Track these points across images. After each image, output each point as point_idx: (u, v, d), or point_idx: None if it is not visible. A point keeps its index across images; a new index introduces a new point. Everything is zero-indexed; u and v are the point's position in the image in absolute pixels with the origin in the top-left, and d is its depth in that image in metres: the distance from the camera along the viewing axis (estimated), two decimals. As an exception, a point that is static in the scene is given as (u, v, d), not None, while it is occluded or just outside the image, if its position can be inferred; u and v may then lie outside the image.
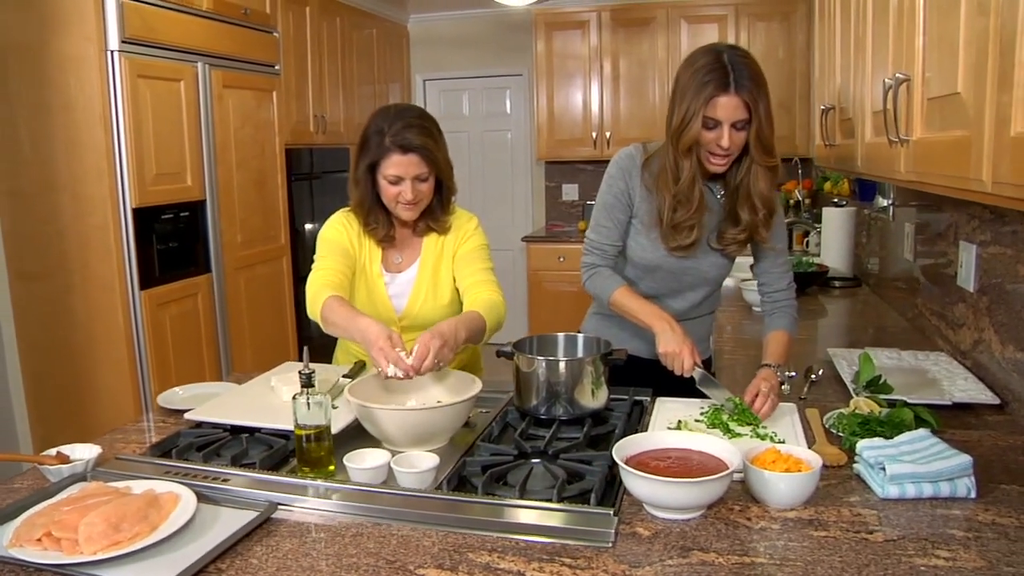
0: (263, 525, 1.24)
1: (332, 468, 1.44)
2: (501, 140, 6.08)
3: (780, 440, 1.48)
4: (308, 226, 4.51)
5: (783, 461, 1.27)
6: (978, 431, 1.56)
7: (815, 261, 3.32)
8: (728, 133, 1.63)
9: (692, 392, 1.71)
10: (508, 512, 1.24)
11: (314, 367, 1.47)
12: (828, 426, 1.55)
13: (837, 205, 3.47)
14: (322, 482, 1.37)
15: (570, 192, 5.96)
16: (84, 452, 1.49)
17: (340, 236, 1.91)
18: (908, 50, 1.30)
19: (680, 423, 1.59)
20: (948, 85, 1.10)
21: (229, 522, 1.24)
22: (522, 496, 1.28)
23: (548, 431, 1.55)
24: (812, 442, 1.48)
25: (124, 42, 2.98)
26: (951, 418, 1.61)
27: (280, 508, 1.29)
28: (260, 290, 3.97)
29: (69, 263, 3.09)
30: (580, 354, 1.76)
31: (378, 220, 1.89)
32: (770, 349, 1.80)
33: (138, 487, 1.32)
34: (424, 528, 1.21)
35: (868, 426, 1.48)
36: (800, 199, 4.34)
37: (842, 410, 1.59)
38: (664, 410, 1.68)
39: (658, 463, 1.26)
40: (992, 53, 0.92)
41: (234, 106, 3.68)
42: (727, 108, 1.62)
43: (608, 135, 5.41)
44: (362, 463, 1.39)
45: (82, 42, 2.93)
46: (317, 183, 4.63)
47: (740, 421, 1.57)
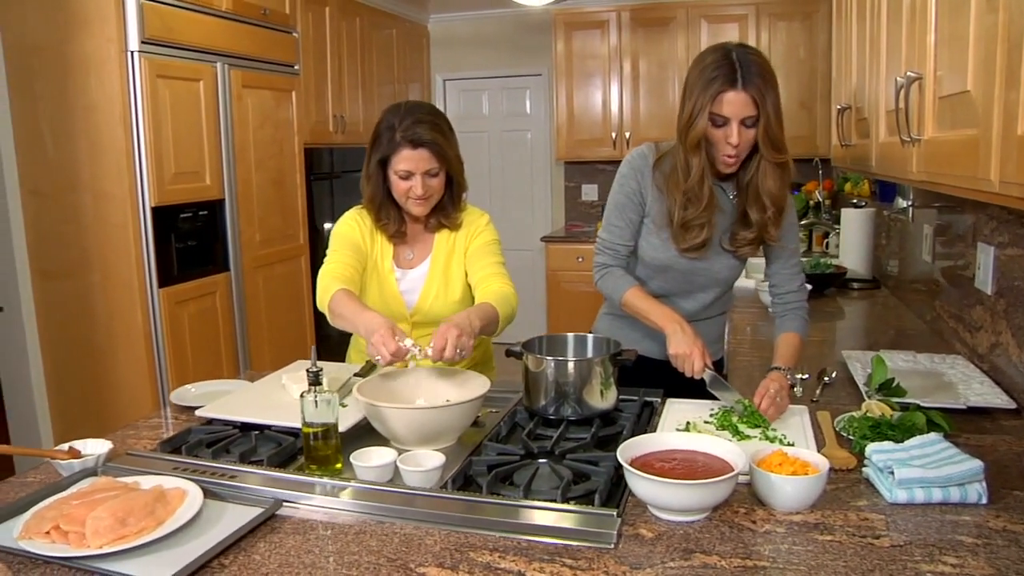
0: (268, 522, 1.25)
1: (339, 466, 1.44)
2: (520, 140, 6.08)
3: (790, 443, 1.46)
4: (327, 225, 4.54)
5: (790, 464, 1.26)
6: (993, 436, 1.53)
7: (833, 263, 3.28)
8: (737, 130, 1.62)
9: (703, 394, 1.69)
10: (511, 512, 1.23)
11: (322, 365, 1.48)
12: (839, 429, 1.53)
13: (856, 206, 3.42)
14: (327, 480, 1.37)
15: (589, 192, 5.95)
16: (95, 447, 1.51)
17: (352, 232, 1.93)
18: (920, 49, 1.28)
19: (689, 425, 1.57)
20: (959, 83, 1.08)
21: (234, 518, 1.25)
22: (527, 496, 1.28)
23: (556, 431, 1.54)
24: (822, 445, 1.47)
25: (144, 42, 3.02)
26: (966, 422, 1.58)
27: (286, 505, 1.30)
28: (278, 289, 4.00)
29: (90, 261, 3.14)
30: (589, 354, 1.75)
31: (389, 216, 1.91)
32: (780, 351, 1.78)
33: (146, 482, 1.34)
34: (427, 527, 1.21)
35: (879, 429, 1.46)
36: (820, 200, 4.29)
37: (853, 413, 1.57)
38: (674, 411, 1.67)
39: (663, 464, 1.25)
40: (1000, 50, 0.91)
41: (253, 106, 3.71)
42: (734, 104, 1.60)
43: (627, 135, 5.39)
44: (368, 461, 1.39)
45: (103, 43, 2.97)
46: (337, 182, 4.65)
47: (750, 423, 1.56)
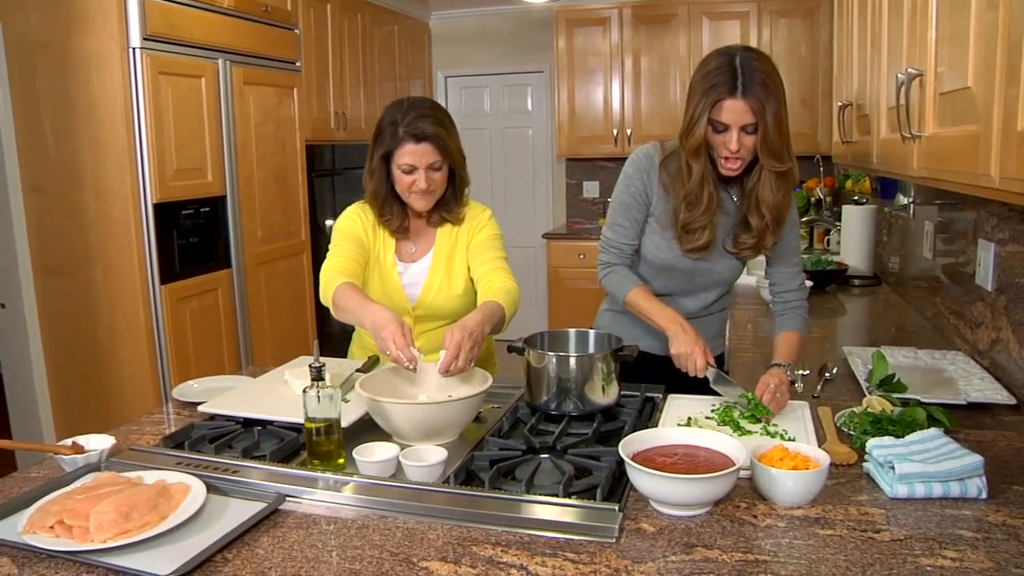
0: (271, 516, 1.25)
1: (342, 461, 1.45)
2: (522, 137, 6.08)
3: (791, 438, 1.47)
4: (329, 222, 4.54)
5: (791, 459, 1.26)
6: (993, 431, 1.54)
7: (834, 259, 3.28)
8: (736, 136, 1.62)
9: (705, 390, 1.70)
10: (514, 506, 1.24)
11: (324, 361, 1.48)
12: (839, 424, 1.54)
13: (858, 203, 3.43)
14: (330, 475, 1.38)
15: (591, 189, 5.95)
16: (98, 443, 1.51)
17: (354, 226, 1.94)
18: (921, 45, 1.28)
19: (690, 420, 1.58)
20: (959, 79, 1.08)
21: (237, 513, 1.25)
22: (529, 491, 1.28)
23: (558, 427, 1.55)
24: (823, 440, 1.47)
25: (146, 39, 3.02)
26: (966, 418, 1.59)
27: (289, 500, 1.30)
28: (280, 285, 4.00)
29: (92, 258, 3.14)
30: (591, 350, 1.75)
31: (392, 211, 1.92)
32: (780, 349, 1.79)
33: (149, 477, 1.34)
34: (430, 521, 1.22)
35: (879, 425, 1.46)
36: (822, 197, 4.29)
37: (854, 408, 1.57)
38: (675, 407, 1.68)
39: (665, 459, 1.26)
40: (1000, 47, 0.91)
41: (255, 102, 3.72)
42: (732, 112, 1.60)
43: (629, 132, 5.39)
44: (371, 456, 1.40)
45: (105, 40, 2.98)
46: (339, 179, 4.66)
47: (752, 418, 1.56)
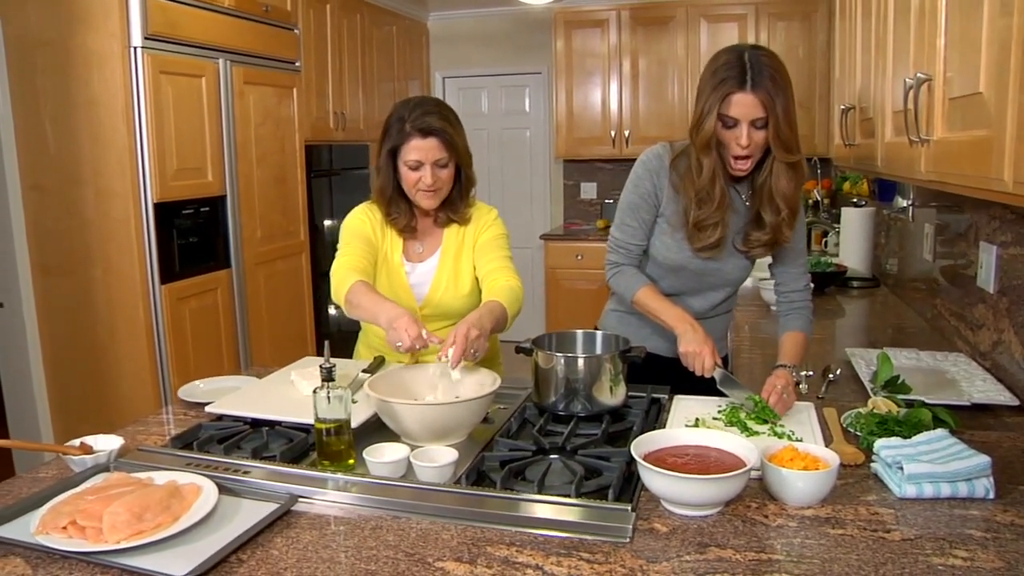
0: (283, 517, 1.25)
1: (352, 462, 1.45)
2: (520, 138, 6.09)
3: (798, 439, 1.48)
4: (327, 222, 4.54)
5: (801, 459, 1.28)
6: (997, 432, 1.55)
7: (833, 261, 3.30)
8: (746, 131, 1.63)
9: (710, 391, 1.71)
10: (526, 507, 1.24)
11: (335, 362, 1.48)
12: (846, 425, 1.55)
13: (856, 205, 3.45)
14: (342, 475, 1.38)
15: (588, 190, 5.96)
16: (107, 443, 1.51)
17: (363, 226, 1.95)
18: (929, 50, 1.30)
19: (698, 421, 1.59)
20: (970, 85, 1.09)
21: (250, 513, 1.25)
22: (540, 491, 1.29)
23: (566, 427, 1.56)
24: (829, 441, 1.48)
25: (147, 38, 3.02)
26: (969, 419, 1.60)
27: (300, 500, 1.31)
28: (279, 286, 4.00)
29: (91, 257, 3.14)
30: (599, 351, 1.76)
31: (399, 209, 1.93)
32: (785, 349, 1.80)
33: (160, 478, 1.34)
34: (443, 522, 1.22)
35: (886, 426, 1.47)
36: (819, 199, 4.31)
37: (860, 409, 1.59)
38: (682, 408, 1.69)
39: (676, 460, 1.27)
40: (1015, 52, 0.92)
41: (255, 102, 3.71)
42: (742, 105, 1.61)
43: (627, 134, 5.41)
44: (381, 457, 1.40)
45: (106, 38, 2.97)
46: (336, 179, 4.65)
47: (759, 420, 1.57)
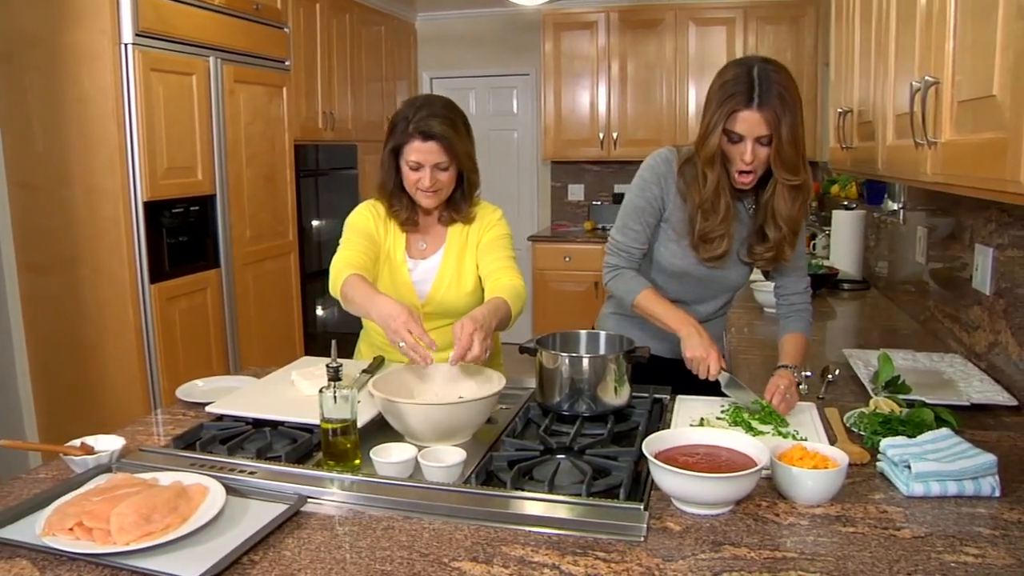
0: (293, 518, 1.24)
1: (358, 462, 1.44)
2: (507, 139, 6.09)
3: (803, 438, 1.49)
4: (315, 223, 4.52)
5: (810, 458, 1.29)
6: (997, 432, 1.57)
7: (825, 263, 3.33)
8: (751, 148, 1.62)
9: (711, 391, 1.72)
10: (538, 506, 1.24)
11: (341, 361, 1.47)
12: (849, 425, 1.57)
13: (847, 208, 3.48)
14: (351, 476, 1.37)
15: (576, 192, 5.98)
16: (108, 443, 1.49)
17: (366, 222, 1.95)
18: (937, 54, 1.31)
19: (703, 421, 1.60)
20: (982, 88, 1.11)
21: (259, 514, 1.24)
22: (551, 491, 1.29)
23: (572, 427, 1.56)
24: (834, 440, 1.49)
25: (138, 35, 2.99)
26: (968, 419, 1.62)
27: (309, 501, 1.30)
28: (268, 286, 3.97)
29: (80, 256, 3.10)
30: (602, 351, 1.77)
31: (401, 203, 1.94)
32: (786, 350, 1.81)
33: (165, 479, 1.33)
34: (455, 522, 1.22)
35: (890, 425, 1.49)
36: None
37: (863, 409, 1.60)
38: (685, 408, 1.69)
39: (687, 459, 1.27)
40: (1032, 56, 0.94)
41: (245, 101, 3.69)
42: (748, 123, 1.60)
43: (615, 136, 5.43)
44: (389, 457, 1.40)
45: (96, 35, 2.94)
46: (324, 180, 4.63)
47: (763, 420, 1.58)
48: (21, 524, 1.23)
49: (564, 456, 1.45)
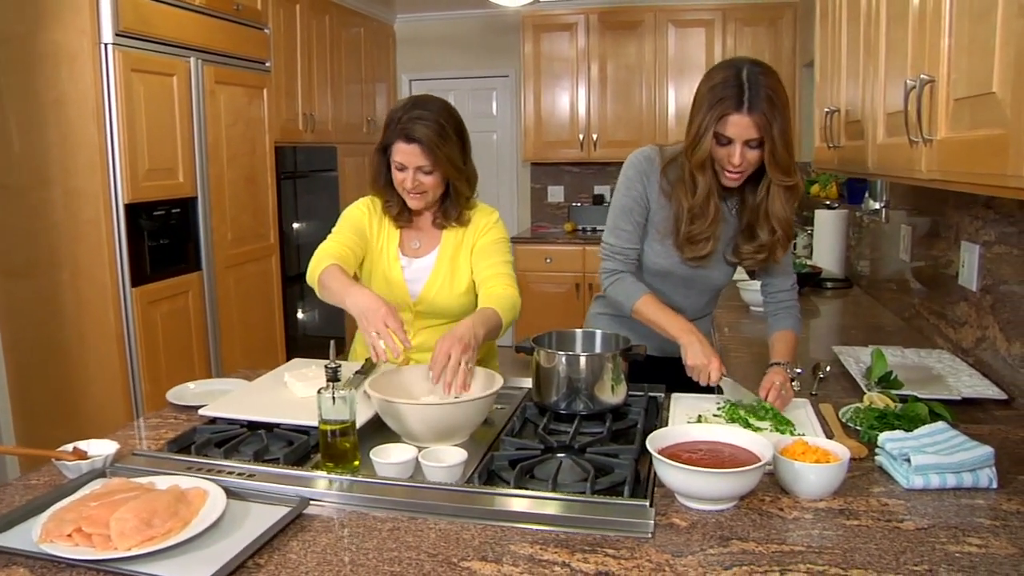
0: (295, 520, 1.23)
1: (357, 463, 1.43)
2: (487, 141, 6.08)
3: (800, 434, 1.50)
4: (296, 225, 4.48)
5: (812, 452, 1.30)
6: (988, 425, 1.60)
7: (808, 263, 3.37)
8: (740, 151, 1.62)
9: (701, 389, 1.73)
10: (544, 504, 1.24)
11: (340, 362, 1.46)
12: (845, 420, 1.58)
13: (830, 207, 3.52)
14: (352, 477, 1.36)
15: (556, 194, 5.99)
16: (101, 448, 1.47)
17: (360, 217, 1.95)
18: (932, 53, 1.33)
19: (700, 418, 1.60)
20: (980, 85, 1.13)
21: (261, 517, 1.23)
22: (554, 490, 1.29)
23: (570, 426, 1.56)
24: (830, 436, 1.51)
25: (118, 35, 2.94)
26: (959, 413, 1.64)
27: (310, 503, 1.28)
28: (249, 288, 3.93)
29: (59, 259, 3.04)
30: (598, 350, 1.77)
31: (392, 199, 1.94)
32: (777, 348, 1.82)
33: (162, 483, 1.31)
34: (461, 521, 1.21)
35: (885, 420, 1.51)
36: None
37: (858, 405, 1.62)
38: (681, 406, 1.70)
39: (690, 455, 1.28)
40: (1034, 53, 0.95)
41: (226, 102, 3.65)
42: (738, 127, 1.60)
43: (595, 137, 5.45)
44: (388, 458, 1.39)
45: (75, 35, 2.89)
46: (303, 182, 4.59)
47: (761, 418, 1.59)
48: (15, 531, 1.20)
49: (565, 455, 1.45)
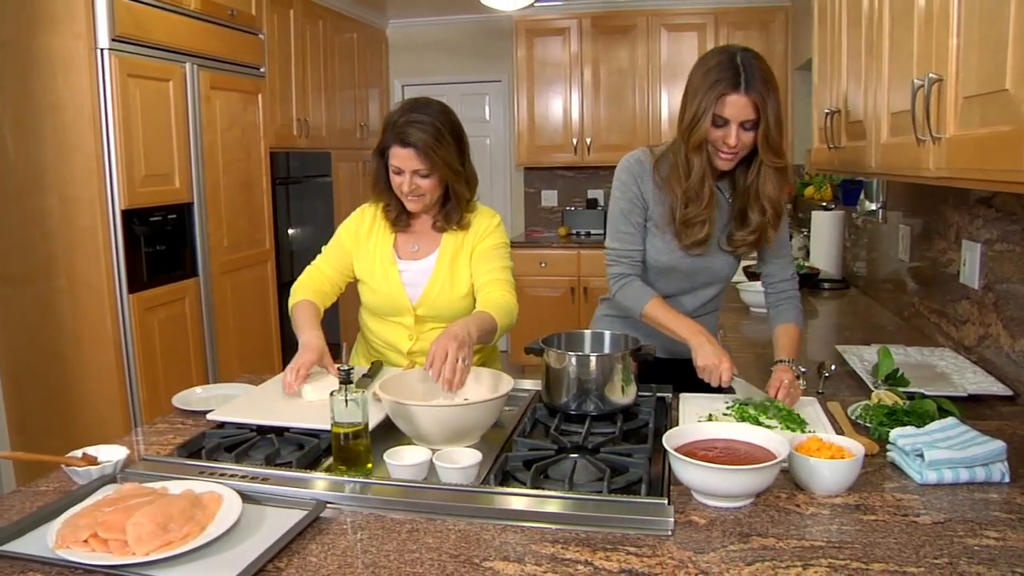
0: (313, 524, 1.22)
1: (370, 466, 1.43)
2: (479, 146, 6.08)
3: (810, 431, 1.51)
4: (291, 231, 4.46)
5: (827, 449, 1.30)
6: (996, 421, 1.61)
7: (805, 264, 3.39)
8: (735, 132, 1.66)
9: (708, 389, 1.73)
10: (562, 504, 1.24)
11: (352, 365, 1.46)
12: (855, 418, 1.59)
13: (827, 208, 3.54)
14: (369, 479, 1.36)
15: (549, 198, 6.00)
16: (111, 453, 1.46)
17: (346, 235, 2.01)
18: (939, 52, 1.34)
19: (711, 417, 1.61)
20: (992, 83, 1.14)
21: (278, 521, 1.22)
22: (570, 489, 1.29)
23: (581, 427, 1.56)
24: (840, 433, 1.51)
25: (114, 40, 2.92)
26: (965, 409, 1.64)
27: (327, 506, 1.28)
28: (246, 294, 3.91)
29: (55, 266, 3.02)
30: (607, 350, 1.77)
31: (391, 202, 1.95)
32: (781, 344, 1.83)
33: (175, 487, 1.30)
34: (480, 522, 1.21)
35: (895, 416, 1.52)
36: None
37: (866, 402, 1.63)
38: (690, 405, 1.70)
39: (706, 453, 1.28)
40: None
41: (221, 108, 3.63)
42: (735, 107, 1.64)
43: (588, 141, 5.46)
44: (402, 460, 1.38)
45: (71, 40, 2.87)
46: (298, 188, 4.57)
47: (771, 416, 1.59)
48: (28, 538, 1.19)
49: (578, 455, 1.45)
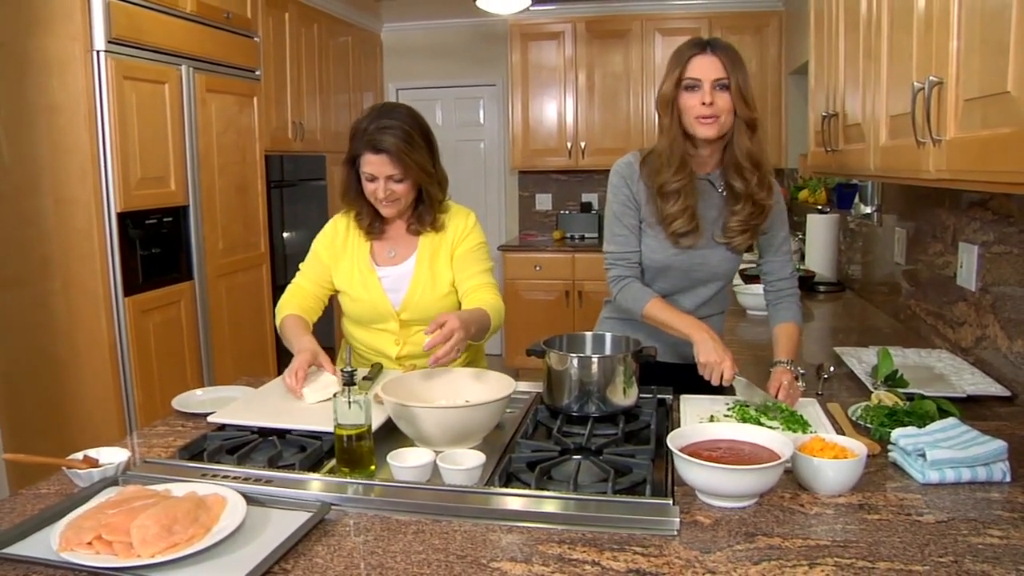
0: (318, 525, 1.22)
1: (373, 468, 1.43)
2: (474, 150, 6.09)
3: (812, 431, 1.51)
4: (285, 235, 4.45)
5: (830, 449, 1.31)
6: (995, 422, 1.62)
7: (801, 267, 3.40)
8: (709, 90, 1.71)
9: (713, 390, 1.74)
10: (568, 505, 1.24)
11: (355, 367, 1.46)
12: (855, 418, 1.60)
13: (822, 212, 3.56)
14: (373, 481, 1.36)
15: (544, 202, 6.00)
16: (112, 455, 1.45)
17: (323, 247, 2.01)
18: (940, 55, 1.36)
19: (713, 418, 1.61)
20: (993, 85, 1.15)
21: (283, 523, 1.22)
22: (575, 490, 1.29)
23: (584, 428, 1.56)
24: (841, 434, 1.52)
25: (111, 42, 2.92)
26: (963, 410, 1.66)
27: (332, 508, 1.27)
28: (241, 298, 3.90)
29: (51, 269, 3.00)
30: (609, 352, 1.77)
31: (363, 210, 1.95)
32: (780, 344, 1.84)
33: (178, 490, 1.29)
34: (485, 523, 1.21)
35: (895, 417, 1.53)
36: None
37: (867, 403, 1.64)
38: (691, 407, 1.71)
39: (710, 453, 1.29)
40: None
41: (217, 110, 3.63)
42: (703, 65, 1.71)
43: (583, 145, 5.47)
44: (406, 462, 1.38)
45: (67, 42, 2.86)
46: (293, 191, 4.57)
47: (773, 417, 1.60)
48: (31, 541, 1.19)
49: (582, 456, 1.45)
